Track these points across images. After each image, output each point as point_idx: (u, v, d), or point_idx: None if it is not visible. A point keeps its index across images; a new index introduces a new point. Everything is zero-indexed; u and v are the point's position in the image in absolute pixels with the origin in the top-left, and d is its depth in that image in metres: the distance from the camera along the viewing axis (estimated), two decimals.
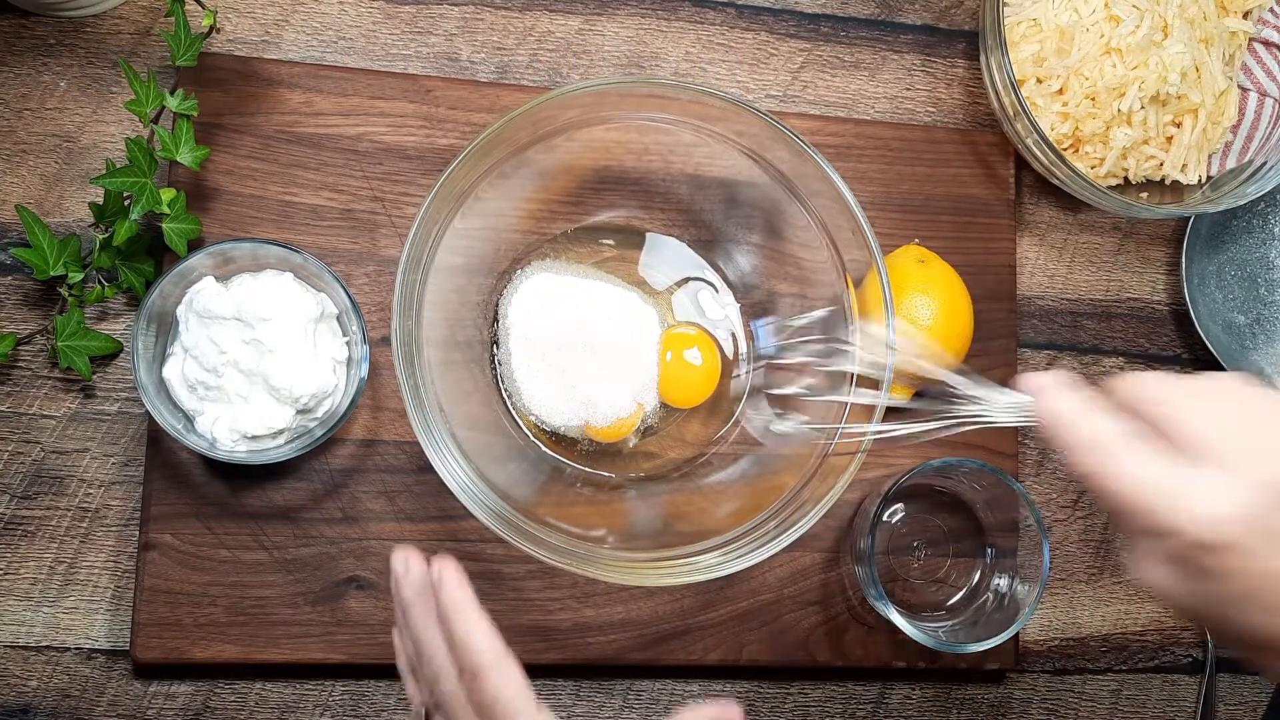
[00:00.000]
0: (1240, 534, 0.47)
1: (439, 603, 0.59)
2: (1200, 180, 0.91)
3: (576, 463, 0.80)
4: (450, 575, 0.59)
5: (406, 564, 0.61)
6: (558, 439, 0.80)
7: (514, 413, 0.79)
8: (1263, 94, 0.91)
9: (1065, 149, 0.89)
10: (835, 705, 0.86)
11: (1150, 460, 0.49)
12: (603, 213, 0.82)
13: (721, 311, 0.83)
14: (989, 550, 0.85)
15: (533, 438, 0.79)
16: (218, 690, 0.77)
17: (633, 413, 0.80)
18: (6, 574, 0.76)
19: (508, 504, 0.70)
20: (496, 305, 0.80)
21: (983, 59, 0.88)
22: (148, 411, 0.72)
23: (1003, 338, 0.89)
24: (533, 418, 0.79)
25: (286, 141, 0.80)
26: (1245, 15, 0.91)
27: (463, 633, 0.58)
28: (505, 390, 0.79)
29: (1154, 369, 0.94)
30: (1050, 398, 0.53)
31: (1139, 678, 0.91)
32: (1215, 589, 0.49)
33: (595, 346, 0.79)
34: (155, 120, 0.74)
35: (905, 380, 0.79)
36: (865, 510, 0.81)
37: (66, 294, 0.75)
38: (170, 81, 0.77)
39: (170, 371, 0.72)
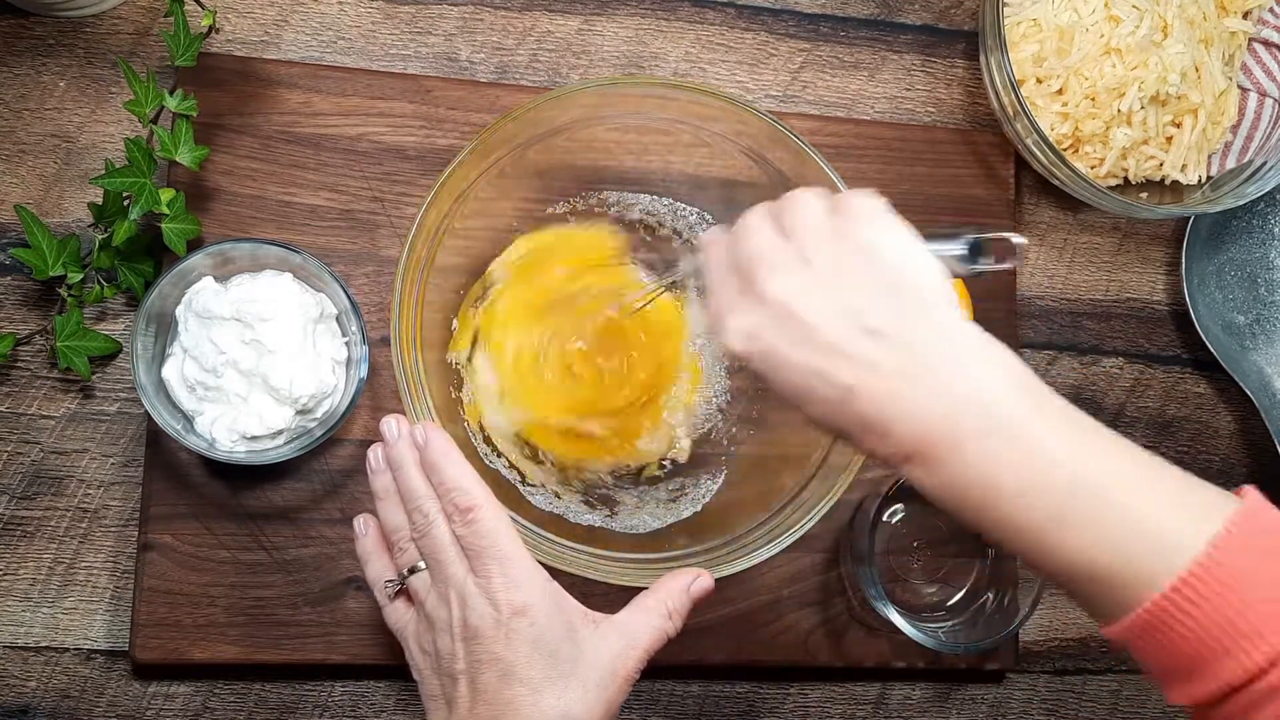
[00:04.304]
0: (751, 346, 0.55)
1: (426, 456, 0.64)
2: (1200, 180, 0.91)
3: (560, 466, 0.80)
4: (436, 430, 0.65)
5: (397, 428, 0.66)
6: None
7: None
8: (1263, 94, 0.91)
9: (1065, 149, 0.89)
10: (835, 705, 0.85)
11: (726, 290, 0.58)
12: (602, 213, 0.81)
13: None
14: (989, 550, 0.85)
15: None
16: (217, 691, 0.77)
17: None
18: (6, 574, 0.76)
19: (509, 505, 0.70)
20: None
21: (983, 59, 0.88)
22: (147, 412, 0.71)
23: (1002, 338, 0.88)
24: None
25: (286, 142, 0.80)
26: (1245, 15, 0.91)
27: (452, 477, 0.64)
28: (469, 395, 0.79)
29: (1154, 369, 0.94)
30: (704, 247, 0.61)
31: (1139, 678, 0.91)
32: (774, 389, 0.55)
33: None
34: (154, 120, 0.74)
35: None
36: (865, 510, 0.81)
37: (66, 294, 0.75)
38: (169, 81, 0.77)
39: (169, 372, 0.72)
